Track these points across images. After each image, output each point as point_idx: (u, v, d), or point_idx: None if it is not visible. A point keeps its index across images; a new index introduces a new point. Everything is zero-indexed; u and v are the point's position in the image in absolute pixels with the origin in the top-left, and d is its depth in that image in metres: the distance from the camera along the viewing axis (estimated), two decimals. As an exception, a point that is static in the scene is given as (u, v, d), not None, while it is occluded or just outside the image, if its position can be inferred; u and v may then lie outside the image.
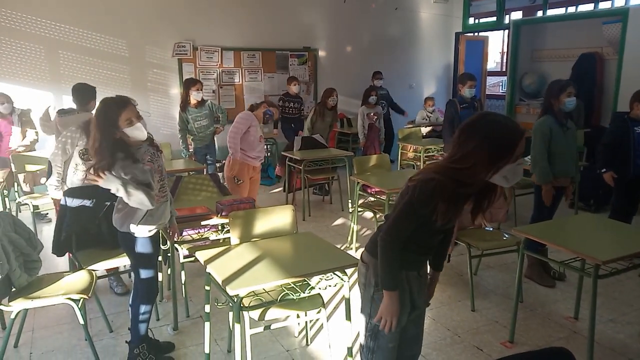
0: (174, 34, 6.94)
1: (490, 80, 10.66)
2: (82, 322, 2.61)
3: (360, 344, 1.99)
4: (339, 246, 3.34)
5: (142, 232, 2.52)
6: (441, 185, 1.62)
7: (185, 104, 5.47)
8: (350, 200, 5.57)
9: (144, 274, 2.60)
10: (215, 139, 5.86)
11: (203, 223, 3.11)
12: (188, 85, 5.46)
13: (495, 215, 3.56)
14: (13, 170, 4.80)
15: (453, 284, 3.73)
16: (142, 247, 2.54)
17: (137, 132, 2.45)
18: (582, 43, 7.07)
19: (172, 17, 6.89)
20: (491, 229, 3.70)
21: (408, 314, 1.87)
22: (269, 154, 7.68)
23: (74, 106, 3.91)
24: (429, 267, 2.03)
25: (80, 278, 2.79)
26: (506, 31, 8.64)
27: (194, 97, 5.38)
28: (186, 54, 7.05)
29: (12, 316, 2.58)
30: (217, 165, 6.02)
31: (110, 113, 2.38)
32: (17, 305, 2.53)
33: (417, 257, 1.88)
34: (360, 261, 1.95)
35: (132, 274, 2.70)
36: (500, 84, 11.91)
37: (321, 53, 8.16)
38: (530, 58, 8.00)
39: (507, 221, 3.90)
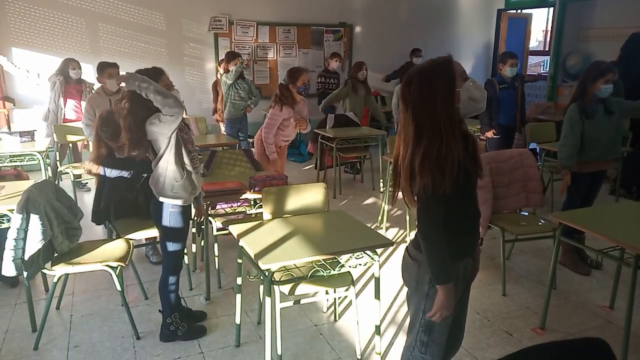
0: (211, 8, 6.95)
1: (532, 59, 10.28)
2: (119, 288, 2.71)
3: (410, 340, 1.91)
4: (369, 225, 3.34)
5: (173, 202, 2.55)
6: (431, 152, 1.58)
7: (228, 73, 5.59)
8: (381, 180, 5.54)
9: (172, 246, 2.65)
10: (247, 115, 5.95)
11: (235, 197, 3.16)
12: (229, 58, 5.57)
13: (532, 200, 3.48)
14: (55, 140, 4.96)
15: (484, 267, 3.68)
16: (172, 221, 2.58)
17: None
18: (634, 22, 6.69)
19: (209, -9, 6.88)
20: (526, 214, 3.62)
21: (459, 298, 1.84)
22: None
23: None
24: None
25: (118, 246, 2.88)
26: (551, 9, 8.28)
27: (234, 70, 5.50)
28: (222, 28, 7.06)
29: (55, 280, 2.70)
30: (250, 140, 6.07)
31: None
32: (59, 270, 2.65)
33: (467, 240, 1.81)
34: (409, 258, 1.84)
35: (160, 245, 2.77)
36: (542, 63, 11.48)
37: (357, 29, 8.02)
38: (576, 37, 7.65)
39: (544, 206, 3.80)
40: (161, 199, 2.54)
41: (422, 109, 1.63)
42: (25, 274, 2.51)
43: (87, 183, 5.56)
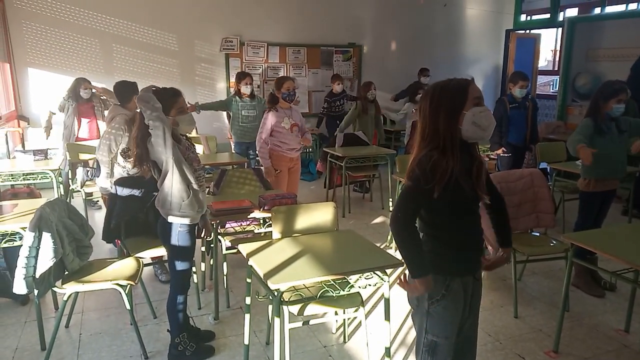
0: (222, 29, 7.07)
1: (541, 79, 10.30)
2: (128, 307, 2.71)
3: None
4: (378, 245, 3.32)
5: (181, 222, 2.56)
6: (427, 155, 1.67)
7: (238, 93, 5.59)
8: (390, 199, 5.53)
9: (180, 265, 2.64)
10: None
11: (245, 216, 3.16)
12: (238, 78, 5.59)
13: (543, 220, 3.45)
14: (68, 158, 5.02)
15: (496, 288, 3.64)
16: (180, 239, 2.59)
17: (187, 121, 2.57)
18: (643, 42, 6.70)
19: (221, 13, 7.02)
20: (538, 234, 3.58)
21: (465, 319, 1.83)
22: (310, 149, 7.72)
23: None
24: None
25: (128, 265, 2.89)
26: (560, 29, 8.31)
27: (243, 90, 5.50)
28: (233, 49, 7.18)
29: (65, 298, 2.70)
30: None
31: (163, 100, 2.47)
32: (70, 288, 2.66)
33: (466, 257, 1.80)
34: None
35: (168, 265, 2.77)
36: (551, 83, 11.49)
37: (366, 49, 8.10)
38: (585, 57, 7.65)
39: (555, 227, 3.76)
40: (170, 218, 2.55)
41: (428, 120, 1.73)
42: (35, 292, 2.52)
43: (97, 201, 5.60)
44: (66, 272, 2.73)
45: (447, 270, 1.76)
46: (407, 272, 1.74)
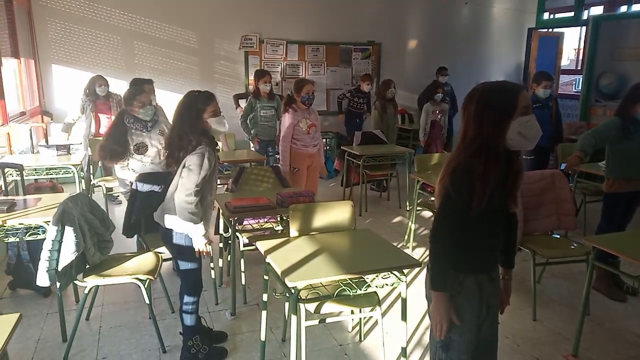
0: (242, 27, 7.11)
1: (563, 78, 10.12)
2: (147, 301, 2.75)
3: (430, 357, 1.91)
4: (395, 244, 3.31)
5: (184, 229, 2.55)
6: (467, 164, 1.62)
7: (257, 93, 5.59)
8: (408, 199, 5.49)
9: (187, 266, 2.64)
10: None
11: (263, 213, 3.18)
12: (257, 76, 5.59)
13: (564, 222, 3.39)
14: (89, 153, 5.11)
15: (514, 290, 3.53)
16: (183, 241, 2.58)
17: (220, 125, 2.61)
18: (671, 41, 6.54)
19: (240, 11, 7.05)
20: (558, 236, 3.53)
21: (483, 319, 1.81)
22: (328, 147, 7.72)
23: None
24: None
25: (147, 259, 2.93)
26: (584, 27, 8.16)
27: (262, 88, 5.50)
28: (252, 46, 7.21)
29: (86, 291, 2.76)
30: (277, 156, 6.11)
31: (199, 104, 2.53)
32: (91, 282, 2.71)
33: (480, 256, 1.79)
34: (427, 273, 1.85)
35: (175, 269, 2.77)
36: (574, 82, 11.29)
37: (385, 47, 8.06)
38: (609, 56, 7.50)
39: (576, 229, 3.70)
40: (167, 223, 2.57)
41: (473, 124, 1.67)
42: (58, 284, 2.58)
43: (118, 196, 5.69)
44: (87, 266, 2.78)
45: (460, 267, 1.75)
46: None
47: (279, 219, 3.42)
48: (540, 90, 4.52)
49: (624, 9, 7.65)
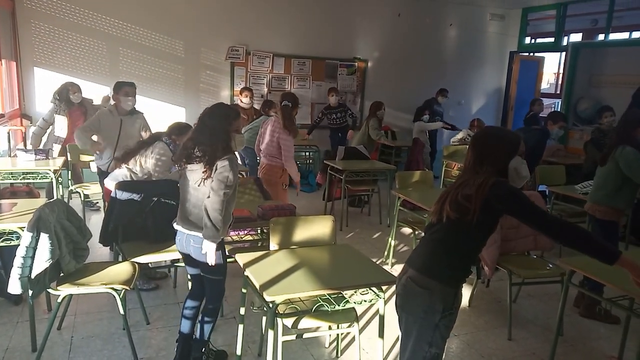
0: (229, 38, 7.12)
1: (544, 101, 10.35)
2: (122, 312, 2.69)
3: None
4: (374, 260, 3.32)
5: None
6: (502, 180, 1.86)
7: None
8: (389, 215, 5.53)
9: (218, 276, 2.58)
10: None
11: (243, 226, 3.16)
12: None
13: (540, 243, 3.45)
14: (68, 159, 5.02)
15: (491, 310, 3.63)
16: (220, 257, 2.55)
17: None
18: (645, 70, 6.77)
19: (228, 22, 7.07)
20: (535, 257, 3.58)
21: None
22: (310, 161, 7.74)
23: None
24: None
25: (123, 269, 2.88)
26: (563, 53, 8.39)
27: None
28: (239, 58, 7.22)
29: (59, 300, 2.69)
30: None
31: (231, 118, 2.55)
32: (65, 290, 2.65)
33: (469, 270, 1.94)
34: (417, 287, 1.86)
35: (189, 275, 2.76)
36: (553, 106, 11.55)
37: (370, 64, 8.16)
38: (587, 82, 7.72)
39: (552, 249, 3.76)
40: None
41: (488, 150, 1.93)
42: (30, 292, 2.51)
43: (96, 202, 5.59)
44: (62, 274, 2.72)
45: (460, 282, 1.90)
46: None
47: (259, 231, 3.41)
48: (555, 129, 4.69)
49: (601, 37, 7.90)
